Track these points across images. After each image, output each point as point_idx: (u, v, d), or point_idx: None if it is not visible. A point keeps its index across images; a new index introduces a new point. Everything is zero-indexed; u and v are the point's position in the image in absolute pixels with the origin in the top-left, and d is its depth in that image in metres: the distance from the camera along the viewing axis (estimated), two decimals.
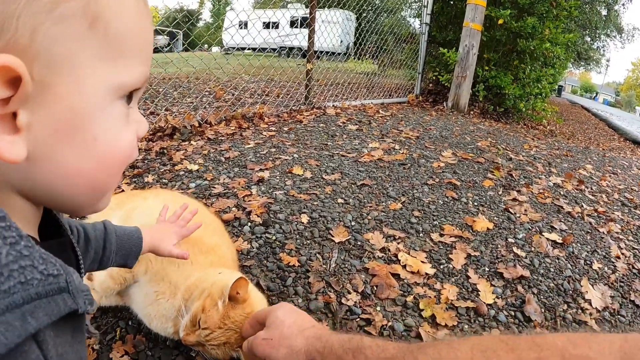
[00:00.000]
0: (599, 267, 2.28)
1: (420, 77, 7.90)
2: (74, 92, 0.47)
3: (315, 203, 2.52)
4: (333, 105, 5.69)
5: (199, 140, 3.71)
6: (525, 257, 2.24)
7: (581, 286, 2.08)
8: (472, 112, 6.89)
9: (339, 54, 10.29)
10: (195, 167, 2.99)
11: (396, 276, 1.93)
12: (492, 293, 1.91)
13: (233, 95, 6.14)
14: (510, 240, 2.38)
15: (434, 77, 7.78)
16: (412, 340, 1.60)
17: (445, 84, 7.27)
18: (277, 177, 2.88)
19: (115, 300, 1.54)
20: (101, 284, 1.45)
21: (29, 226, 0.57)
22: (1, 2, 0.40)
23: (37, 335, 0.48)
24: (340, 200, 2.59)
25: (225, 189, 2.64)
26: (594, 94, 61.87)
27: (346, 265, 1.97)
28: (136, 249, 1.16)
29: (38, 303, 0.47)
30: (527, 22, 6.57)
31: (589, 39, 23.10)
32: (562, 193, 3.25)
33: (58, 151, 0.49)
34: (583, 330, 1.84)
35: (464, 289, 1.92)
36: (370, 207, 2.55)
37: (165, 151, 3.34)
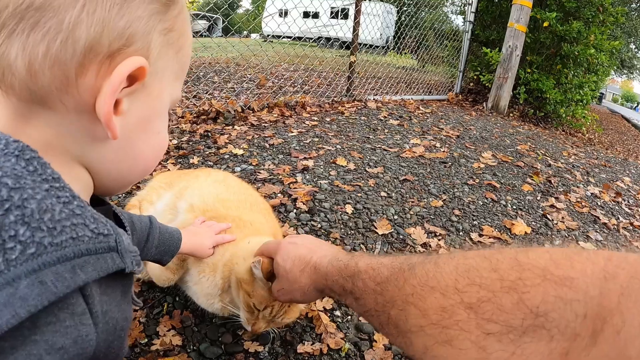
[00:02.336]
0: None
1: (461, 76, 7.84)
2: (158, 96, 0.64)
3: (359, 195, 2.58)
4: (374, 99, 5.72)
5: (242, 125, 3.79)
6: None
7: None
8: (511, 115, 6.83)
9: (378, 46, 10.28)
10: (240, 152, 3.07)
11: None
12: None
13: (274, 83, 6.21)
14: (547, 246, 2.39)
15: (474, 77, 7.70)
16: None
17: (486, 84, 7.20)
18: (322, 167, 2.94)
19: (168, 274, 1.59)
20: (158, 277, 1.51)
21: (85, 195, 0.63)
22: (136, 19, 0.55)
23: (84, 289, 0.53)
24: (383, 194, 2.65)
25: (270, 175, 2.71)
26: (635, 104, 60.13)
27: None
28: (174, 248, 1.23)
29: (88, 259, 0.53)
30: (572, 26, 6.48)
31: (633, 47, 22.60)
32: (599, 204, 3.26)
33: (134, 137, 0.63)
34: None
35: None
36: (412, 202, 2.60)
37: (209, 134, 3.43)
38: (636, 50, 23.50)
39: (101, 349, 0.59)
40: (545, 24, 6.56)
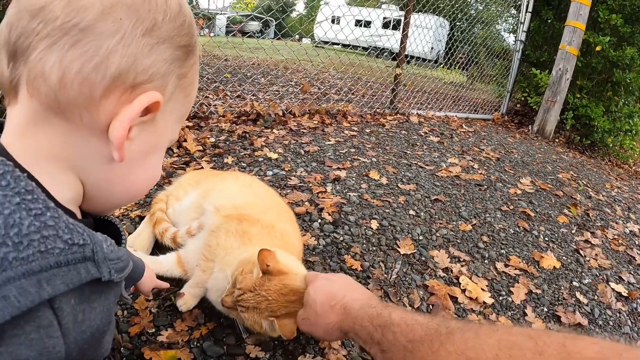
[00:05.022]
0: None
1: (508, 96, 7.69)
2: (162, 132, 0.71)
3: (387, 211, 2.55)
4: (417, 113, 5.67)
5: (281, 129, 3.81)
6: (587, 305, 2.19)
7: (637, 347, 2.01)
8: (556, 140, 6.65)
9: (429, 60, 10.20)
10: (275, 156, 3.08)
11: (454, 299, 1.94)
12: None
13: (319, 89, 6.21)
14: (574, 283, 2.34)
15: (522, 98, 7.54)
16: None
17: (533, 107, 7.03)
18: (353, 179, 2.93)
19: (179, 273, 1.62)
20: (197, 284, 1.53)
21: (73, 204, 0.67)
22: (161, 60, 0.62)
23: (53, 302, 0.55)
24: (411, 212, 2.61)
25: (300, 182, 2.71)
26: None
27: (407, 279, 2.00)
28: (137, 277, 1.23)
29: (57, 271, 0.54)
30: (625, 52, 6.21)
31: None
32: (637, 243, 3.15)
33: (134, 163, 0.68)
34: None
35: (518, 326, 1.89)
36: (440, 224, 2.56)
37: (247, 135, 3.45)
38: None
39: (73, 357, 0.61)
40: (598, 48, 6.33)
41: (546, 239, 2.74)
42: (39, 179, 0.59)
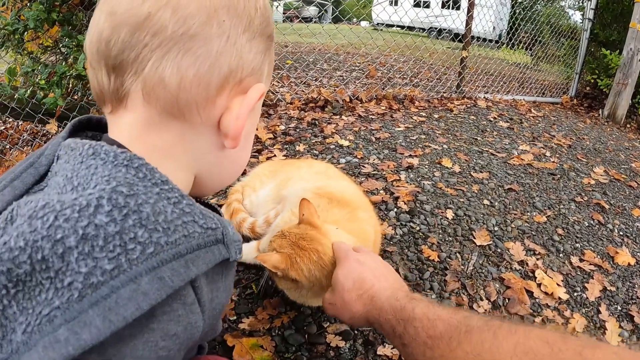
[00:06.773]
0: None
1: (577, 78, 7.38)
2: (257, 113, 0.80)
3: (461, 200, 2.56)
4: (484, 97, 5.59)
5: (349, 116, 3.86)
6: None
7: None
8: (628, 126, 6.33)
9: (491, 40, 9.96)
10: (346, 143, 3.14)
11: (529, 293, 1.94)
12: (619, 335, 1.84)
13: (383, 74, 6.19)
14: None
15: (591, 80, 7.19)
16: None
17: (604, 90, 6.71)
18: (426, 166, 2.95)
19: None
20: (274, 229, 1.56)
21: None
22: (258, 53, 0.69)
23: (194, 281, 0.61)
24: (486, 202, 2.61)
25: (374, 170, 2.75)
26: None
27: (483, 271, 2.01)
28: None
29: (198, 253, 0.59)
30: None
31: None
32: None
33: (241, 146, 0.73)
34: None
35: (591, 324, 1.88)
36: (515, 214, 2.55)
37: (316, 122, 3.52)
38: None
39: (205, 331, 0.69)
40: None
41: (621, 233, 2.68)
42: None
